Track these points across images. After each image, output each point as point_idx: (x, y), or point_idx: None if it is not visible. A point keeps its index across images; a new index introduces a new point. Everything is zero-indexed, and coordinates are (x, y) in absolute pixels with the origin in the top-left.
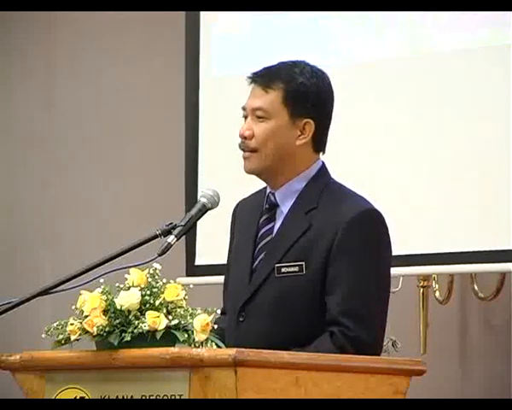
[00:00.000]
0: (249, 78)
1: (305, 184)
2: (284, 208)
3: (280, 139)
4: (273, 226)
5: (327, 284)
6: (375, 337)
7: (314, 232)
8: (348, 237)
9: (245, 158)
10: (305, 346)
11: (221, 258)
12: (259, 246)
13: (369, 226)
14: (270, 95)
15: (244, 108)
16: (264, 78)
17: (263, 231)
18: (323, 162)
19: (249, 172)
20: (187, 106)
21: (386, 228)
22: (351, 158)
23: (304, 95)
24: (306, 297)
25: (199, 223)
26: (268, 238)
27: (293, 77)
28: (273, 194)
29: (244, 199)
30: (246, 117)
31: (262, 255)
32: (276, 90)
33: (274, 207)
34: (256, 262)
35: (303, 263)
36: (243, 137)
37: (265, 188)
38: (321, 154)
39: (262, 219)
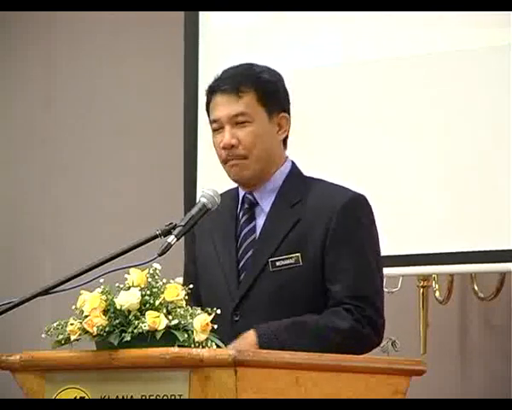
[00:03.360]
0: (213, 90)
1: (284, 180)
2: (265, 206)
3: (266, 139)
4: (255, 225)
5: (327, 271)
6: (382, 315)
7: (305, 224)
8: (344, 223)
9: (233, 165)
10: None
11: None
12: (244, 246)
13: (361, 211)
14: (245, 98)
15: (215, 121)
16: (232, 84)
17: (245, 231)
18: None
19: (241, 178)
20: (186, 105)
21: (372, 211)
22: (351, 157)
23: (274, 91)
24: (306, 287)
25: None
26: (252, 237)
27: (257, 77)
28: (250, 194)
29: None
30: (217, 129)
31: (249, 254)
32: (247, 92)
33: (253, 206)
34: (243, 262)
35: (298, 255)
36: (230, 147)
37: (230, 190)
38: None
39: (242, 221)
